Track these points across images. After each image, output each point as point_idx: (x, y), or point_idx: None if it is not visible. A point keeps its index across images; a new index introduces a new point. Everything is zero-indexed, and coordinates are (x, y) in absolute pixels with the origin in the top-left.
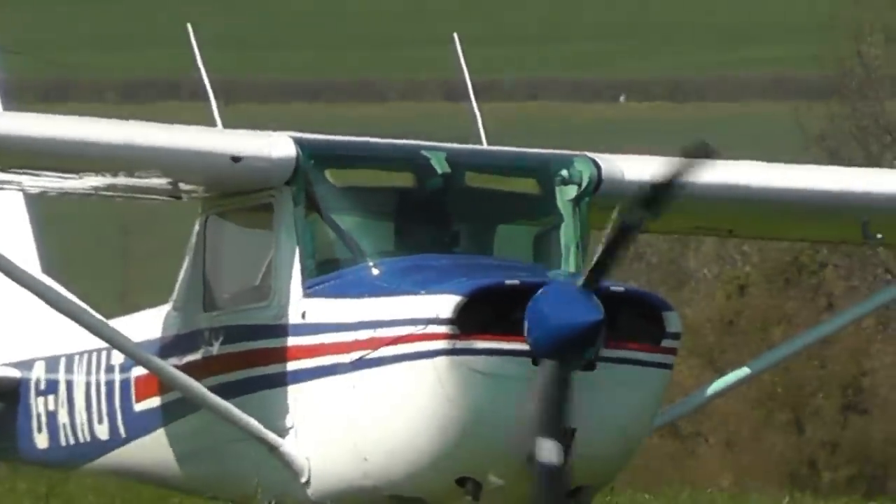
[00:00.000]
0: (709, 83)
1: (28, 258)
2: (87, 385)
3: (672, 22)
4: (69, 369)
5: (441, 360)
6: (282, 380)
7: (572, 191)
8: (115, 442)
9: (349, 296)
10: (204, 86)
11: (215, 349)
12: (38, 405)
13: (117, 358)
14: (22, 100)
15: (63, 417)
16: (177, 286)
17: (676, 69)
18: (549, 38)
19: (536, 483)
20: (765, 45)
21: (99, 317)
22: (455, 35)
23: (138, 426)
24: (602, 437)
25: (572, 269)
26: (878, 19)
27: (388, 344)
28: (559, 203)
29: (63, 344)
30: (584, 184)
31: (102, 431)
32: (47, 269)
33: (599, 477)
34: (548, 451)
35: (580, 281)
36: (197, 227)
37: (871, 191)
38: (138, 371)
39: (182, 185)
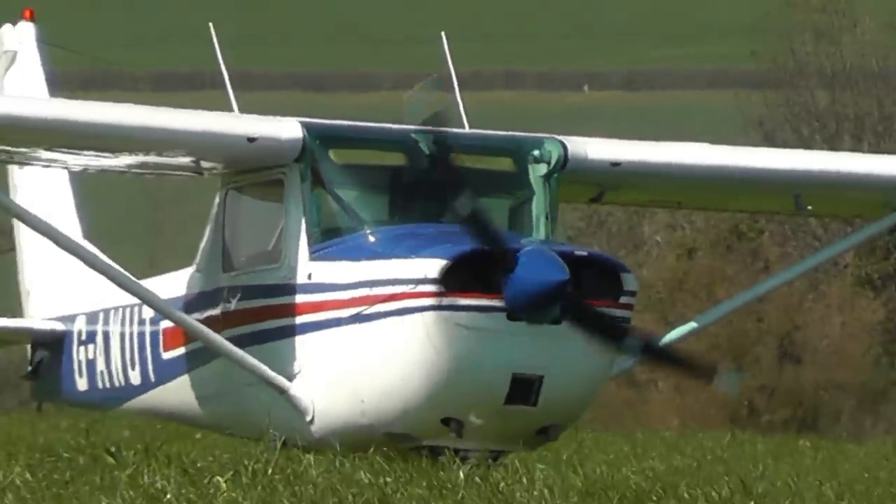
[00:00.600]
0: (659, 75)
1: (71, 226)
2: (122, 336)
3: (627, 22)
4: (106, 322)
5: (429, 315)
6: (290, 332)
7: (543, 168)
8: (145, 386)
9: (349, 259)
10: (223, 77)
11: (233, 305)
12: (79, 354)
13: (148, 313)
14: (65, 89)
15: (101, 364)
16: (199, 251)
17: (632, 63)
18: (521, 36)
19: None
20: (707, 42)
21: (132, 277)
22: (442, 34)
23: (166, 372)
24: (567, 383)
25: (542, 236)
26: (808, 20)
27: (382, 301)
28: (531, 179)
29: (101, 300)
30: (553, 162)
31: (135, 377)
32: (88, 235)
33: (566, 417)
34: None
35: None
36: (217, 200)
37: (802, 168)
38: (166, 324)
39: (204, 163)
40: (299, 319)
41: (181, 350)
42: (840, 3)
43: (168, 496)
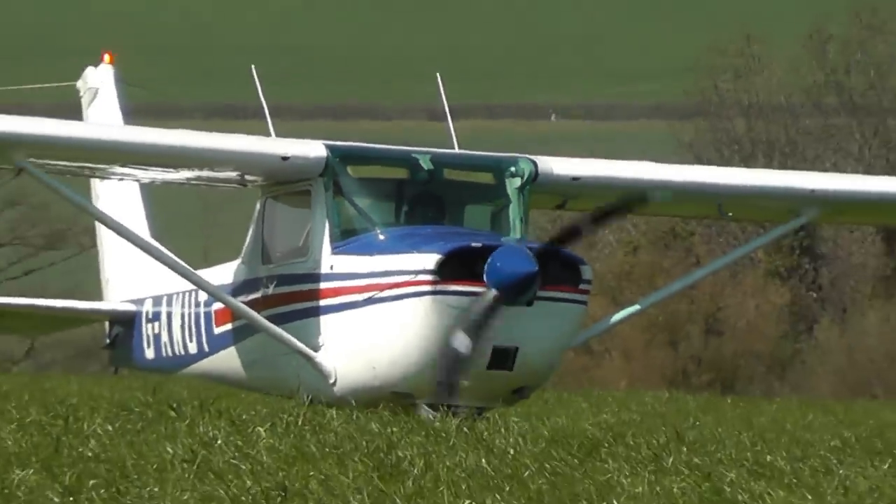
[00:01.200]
0: (611, 108)
1: (141, 227)
2: (181, 315)
3: (584, 66)
4: (169, 304)
5: (426, 299)
6: (316, 312)
7: (517, 182)
8: (200, 355)
9: (363, 254)
10: (262, 108)
11: (270, 290)
12: (147, 329)
13: (202, 296)
14: (136, 118)
15: (164, 338)
16: (244, 247)
17: (589, 98)
18: (498, 75)
19: (443, 363)
20: (648, 82)
21: (190, 268)
22: (438, 75)
23: (217, 344)
24: (538, 352)
25: (517, 236)
26: (728, 63)
27: (390, 287)
28: (508, 190)
29: (165, 287)
30: (526, 177)
31: (192, 347)
32: (154, 234)
33: (536, 380)
34: (462, 344)
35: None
36: (258, 206)
37: (724, 182)
38: (217, 305)
39: (247, 177)
40: (323, 302)
41: (229, 326)
42: (753, 49)
43: (219, 442)
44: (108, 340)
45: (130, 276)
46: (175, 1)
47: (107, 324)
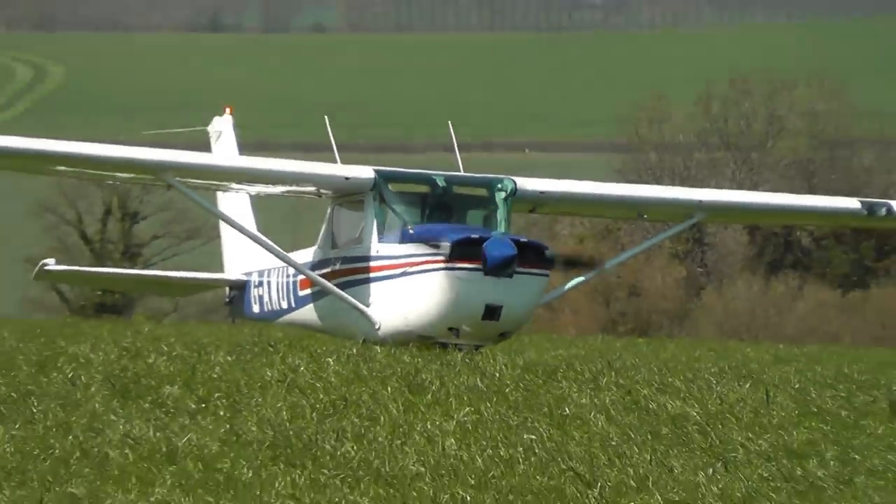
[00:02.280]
0: (567, 144)
1: (250, 224)
2: (277, 283)
3: (549, 113)
4: (269, 276)
5: (441, 273)
6: (367, 281)
7: (503, 194)
8: (289, 310)
9: (398, 242)
10: (332, 145)
11: (337, 266)
12: (254, 292)
13: (291, 270)
14: (246, 151)
15: (266, 298)
16: (319, 237)
17: (550, 137)
18: (490, 121)
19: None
20: (592, 126)
21: (283, 251)
22: (450, 122)
23: (300, 302)
24: (516, 309)
25: (503, 230)
26: (644, 115)
27: (417, 265)
28: (496, 200)
29: (266, 264)
30: (509, 191)
31: (284, 304)
32: (259, 229)
33: (515, 327)
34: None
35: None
36: (329, 211)
37: (641, 195)
38: (300, 276)
39: (322, 191)
40: (372, 275)
41: (308, 290)
42: (662, 105)
43: (301, 368)
44: (227, 300)
45: (242, 257)
46: (268, 69)
47: (227, 289)
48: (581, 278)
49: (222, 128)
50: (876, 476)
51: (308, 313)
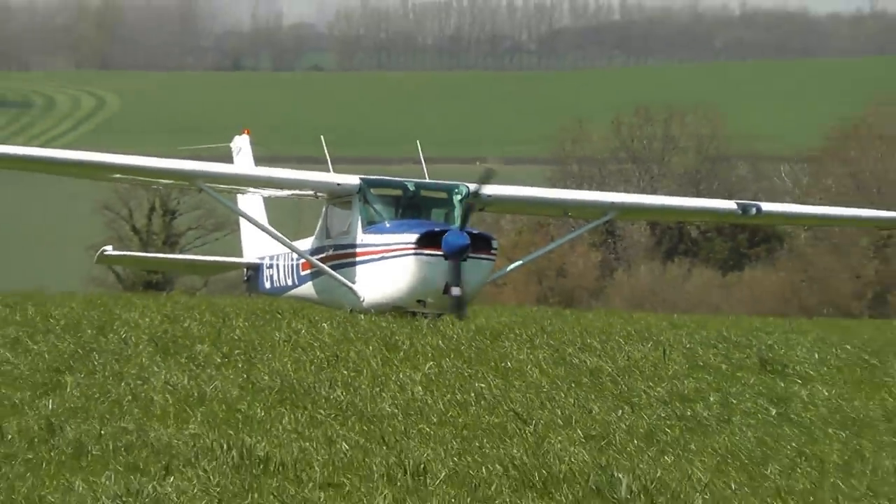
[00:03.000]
0: (510, 159)
1: (262, 219)
2: (284, 265)
3: (497, 136)
4: (277, 259)
5: (411, 258)
6: (353, 264)
7: (459, 197)
8: (293, 286)
9: (378, 233)
10: (327, 159)
11: (330, 252)
12: (266, 272)
13: (294, 255)
14: (259, 164)
15: (275, 277)
16: (316, 229)
17: (499, 154)
18: (453, 140)
19: (452, 302)
20: (529, 144)
21: (288, 240)
22: (418, 141)
23: (302, 280)
24: (470, 285)
25: (458, 225)
26: (569, 135)
27: (392, 251)
28: (454, 202)
29: (275, 250)
30: (464, 195)
31: (289, 282)
32: (270, 222)
33: (469, 299)
34: (455, 290)
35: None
36: (323, 209)
37: (568, 198)
38: (302, 260)
39: (319, 194)
40: (357, 259)
41: (308, 271)
42: (584, 127)
43: (303, 331)
44: (245, 278)
45: (257, 245)
46: (277, 99)
47: (245, 270)
48: (520, 262)
49: (241, 145)
50: (748, 416)
51: (308, 289)
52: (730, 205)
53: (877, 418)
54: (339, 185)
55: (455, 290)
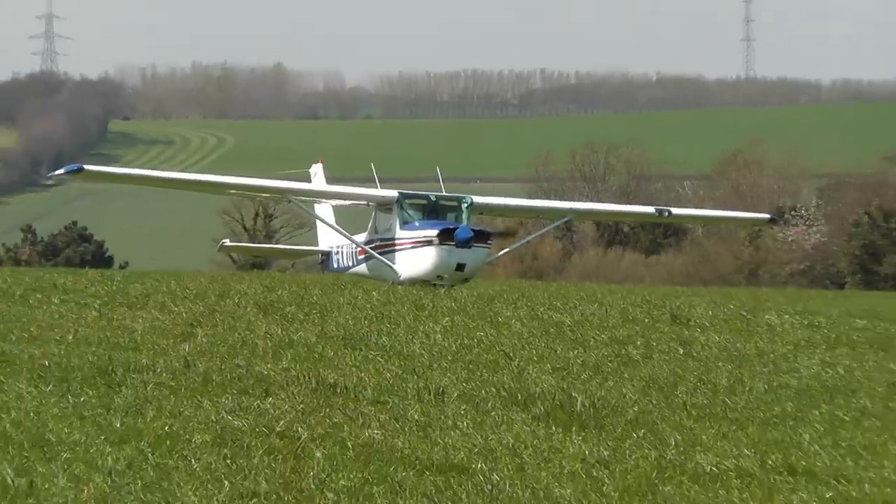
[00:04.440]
0: (496, 177)
1: (331, 219)
2: (346, 252)
3: (487, 165)
4: (341, 248)
5: (434, 247)
6: (393, 251)
7: (465, 205)
8: (352, 266)
9: (411, 230)
10: (375, 179)
11: (378, 243)
12: (335, 257)
13: (353, 245)
14: (330, 182)
15: (340, 259)
16: (368, 227)
17: (485, 174)
18: (458, 166)
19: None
20: (514, 168)
21: (349, 234)
22: (437, 168)
23: (358, 262)
24: (473, 265)
25: (465, 222)
26: (533, 161)
27: (421, 243)
28: (462, 208)
29: (341, 242)
30: (468, 203)
31: (349, 263)
32: (338, 222)
33: (472, 275)
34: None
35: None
36: (373, 213)
37: (539, 206)
38: (358, 248)
39: (369, 203)
40: (396, 247)
41: (363, 256)
42: (550, 156)
43: (359, 297)
44: (320, 261)
45: (328, 237)
46: (342, 138)
47: (320, 255)
48: (507, 250)
49: (317, 170)
50: (664, 354)
51: (362, 268)
52: (649, 209)
53: (752, 355)
54: (383, 197)
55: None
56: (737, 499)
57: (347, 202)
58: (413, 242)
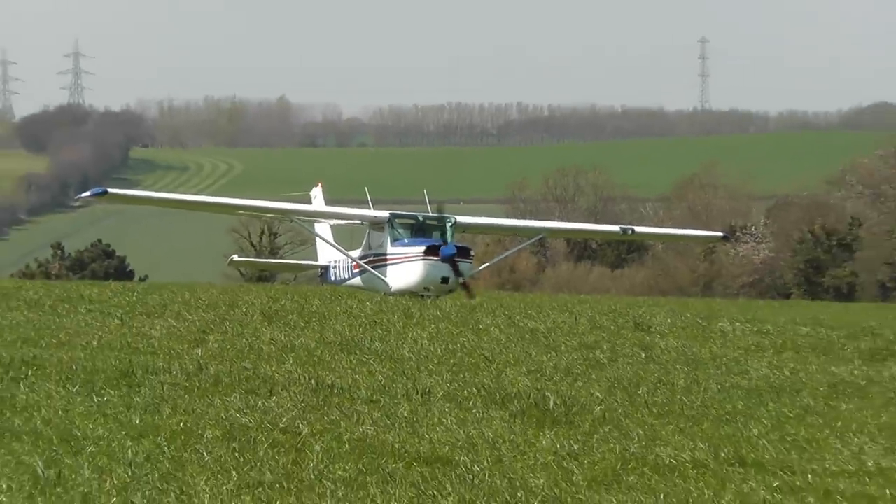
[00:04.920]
0: (477, 199)
1: (329, 236)
2: (342, 266)
3: (471, 188)
4: (338, 262)
5: (421, 261)
6: (384, 265)
7: (449, 224)
8: (348, 279)
9: (401, 246)
10: (368, 200)
11: (371, 258)
12: (332, 270)
13: (349, 260)
14: (330, 203)
15: (337, 273)
16: (362, 243)
17: (467, 196)
18: (442, 189)
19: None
20: (485, 191)
21: (344, 250)
22: (425, 190)
23: (353, 275)
24: (455, 278)
25: (450, 240)
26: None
27: (410, 257)
28: (447, 227)
29: (337, 257)
30: (452, 223)
31: (345, 276)
32: (336, 240)
33: (455, 287)
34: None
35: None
36: (367, 231)
37: (517, 225)
38: (353, 263)
39: (363, 223)
40: (388, 262)
41: (357, 270)
42: (525, 181)
43: (354, 306)
44: (319, 274)
45: (326, 253)
46: (339, 164)
47: (319, 269)
48: (487, 264)
49: (317, 192)
50: (627, 358)
51: (357, 281)
52: (615, 228)
53: (707, 359)
54: (376, 217)
55: (459, 278)
56: (693, 487)
57: (344, 221)
58: (403, 257)
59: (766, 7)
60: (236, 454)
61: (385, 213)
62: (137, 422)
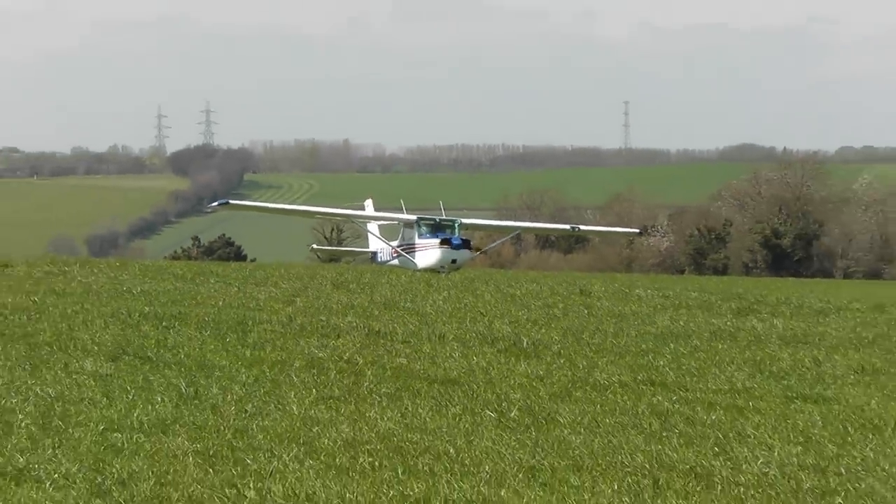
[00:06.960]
0: (473, 207)
1: (377, 232)
2: (385, 252)
3: (478, 201)
4: (382, 250)
5: (438, 248)
6: (414, 251)
7: (458, 224)
8: (389, 261)
9: (424, 238)
10: (403, 209)
11: (404, 246)
12: (379, 255)
13: (389, 248)
14: (377, 210)
15: (382, 256)
16: (398, 237)
17: (469, 206)
18: (451, 203)
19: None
20: (479, 202)
21: (386, 241)
22: (440, 202)
23: (393, 258)
24: (461, 260)
25: (457, 234)
26: (506, 194)
27: (431, 246)
28: (454, 226)
29: (381, 246)
30: (459, 223)
31: (388, 258)
32: (383, 234)
33: (461, 265)
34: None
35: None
36: (401, 229)
37: (501, 225)
38: (391, 249)
39: (397, 223)
40: (416, 249)
41: (395, 255)
42: (509, 198)
43: (393, 279)
44: (371, 257)
45: (374, 243)
46: (386, 185)
47: (370, 254)
48: (481, 251)
49: (368, 204)
50: (575, 313)
51: (395, 262)
52: (566, 226)
53: (628, 314)
54: (408, 219)
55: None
56: (619, 400)
57: (386, 222)
58: (426, 246)
59: (673, 73)
60: (315, 377)
61: (414, 217)
62: (248, 355)
